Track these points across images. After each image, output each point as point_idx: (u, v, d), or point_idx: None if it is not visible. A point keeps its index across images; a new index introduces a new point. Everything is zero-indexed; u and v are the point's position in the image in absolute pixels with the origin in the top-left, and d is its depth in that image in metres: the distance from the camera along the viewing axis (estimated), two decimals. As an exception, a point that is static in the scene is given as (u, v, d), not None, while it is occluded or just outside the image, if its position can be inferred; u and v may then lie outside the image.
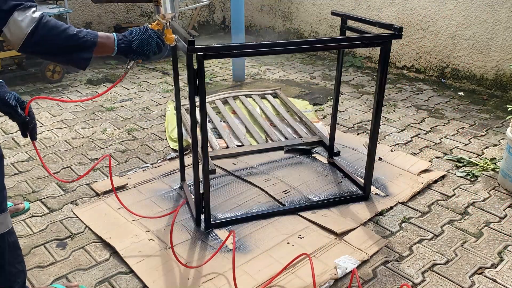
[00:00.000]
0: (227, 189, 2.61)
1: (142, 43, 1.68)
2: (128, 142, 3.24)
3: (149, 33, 1.70)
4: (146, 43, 1.69)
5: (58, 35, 1.47)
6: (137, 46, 1.67)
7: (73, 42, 1.50)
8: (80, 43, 1.52)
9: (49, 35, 1.45)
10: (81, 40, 1.52)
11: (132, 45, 1.66)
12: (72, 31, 1.50)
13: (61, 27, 1.47)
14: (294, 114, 3.70)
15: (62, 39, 1.48)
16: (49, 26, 1.44)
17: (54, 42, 1.47)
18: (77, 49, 1.52)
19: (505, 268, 2.02)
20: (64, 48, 1.50)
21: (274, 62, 5.57)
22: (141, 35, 1.68)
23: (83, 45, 1.53)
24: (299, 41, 2.13)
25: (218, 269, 1.98)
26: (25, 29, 1.40)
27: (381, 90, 2.28)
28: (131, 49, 1.67)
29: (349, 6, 5.38)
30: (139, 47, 1.67)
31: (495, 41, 4.26)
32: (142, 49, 1.68)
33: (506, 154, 2.63)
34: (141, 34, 1.68)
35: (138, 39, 1.67)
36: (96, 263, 2.03)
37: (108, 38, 1.61)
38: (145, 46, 1.68)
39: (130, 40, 1.66)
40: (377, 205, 2.48)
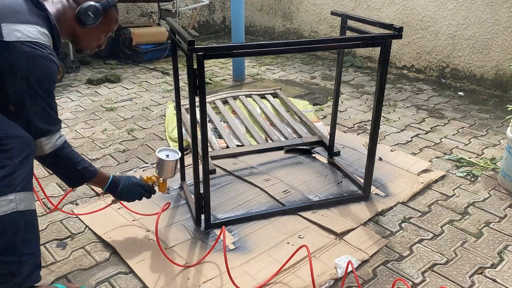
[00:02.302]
0: (227, 189, 2.62)
1: (125, 194, 2.05)
2: (128, 142, 3.24)
3: (135, 189, 2.06)
4: (128, 195, 2.06)
5: (68, 166, 1.84)
6: (120, 194, 2.04)
7: (77, 176, 1.88)
8: (80, 180, 1.91)
9: (61, 163, 1.82)
10: (82, 178, 1.90)
11: (117, 192, 2.03)
12: (80, 166, 1.85)
13: (73, 160, 1.84)
14: (294, 114, 3.70)
15: (70, 170, 1.85)
16: (65, 156, 1.80)
17: (63, 168, 1.86)
18: (75, 180, 1.91)
19: (505, 268, 2.02)
20: (67, 175, 1.89)
21: (274, 62, 5.57)
22: (128, 189, 2.05)
23: (81, 181, 1.92)
24: (299, 41, 2.13)
25: (218, 269, 1.98)
26: (46, 151, 1.73)
27: (381, 90, 2.28)
28: (115, 195, 2.05)
29: (349, 6, 5.38)
30: (121, 196, 2.05)
31: (495, 41, 4.26)
32: (123, 198, 2.07)
33: (506, 154, 2.63)
34: (128, 188, 2.05)
35: (124, 191, 2.03)
36: (96, 263, 2.03)
37: (104, 178, 1.99)
38: (127, 197, 2.06)
39: (117, 186, 2.02)
40: (377, 205, 2.48)
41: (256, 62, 5.55)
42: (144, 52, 5.35)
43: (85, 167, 1.87)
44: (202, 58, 1.88)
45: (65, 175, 1.90)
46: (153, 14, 6.23)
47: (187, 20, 6.58)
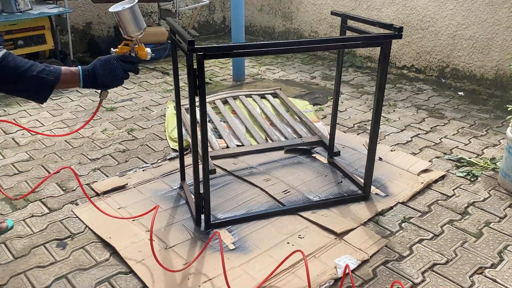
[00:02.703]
0: (227, 189, 2.61)
1: (106, 76, 1.66)
2: (128, 142, 3.24)
3: (112, 64, 1.68)
4: (110, 75, 1.67)
5: (21, 77, 1.51)
6: (102, 80, 1.66)
7: (38, 84, 1.54)
8: (45, 87, 1.56)
9: (11, 76, 1.49)
10: (45, 83, 1.55)
11: (97, 79, 1.66)
12: (33, 71, 1.52)
13: (23, 67, 1.50)
14: (294, 114, 3.70)
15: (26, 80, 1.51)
16: (11, 66, 1.48)
17: (17, 83, 1.51)
18: (40, 90, 1.56)
19: (505, 268, 2.02)
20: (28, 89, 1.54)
21: (274, 62, 5.57)
22: (104, 68, 1.66)
23: (46, 87, 1.57)
24: (299, 41, 2.13)
25: (218, 269, 1.98)
26: None
27: (381, 90, 2.28)
28: (97, 83, 1.66)
29: (349, 6, 5.38)
30: (104, 80, 1.66)
31: (495, 41, 4.26)
32: (108, 82, 1.68)
33: (506, 154, 2.63)
34: (104, 67, 1.66)
35: (102, 73, 1.66)
36: (96, 263, 2.03)
37: (72, 74, 1.62)
38: (110, 78, 1.67)
39: (95, 73, 1.65)
40: (377, 205, 2.48)
41: (256, 62, 5.55)
42: (144, 52, 5.34)
43: (40, 70, 1.55)
44: (202, 58, 1.88)
45: (25, 89, 1.56)
46: (153, 14, 6.23)
47: (187, 20, 6.58)
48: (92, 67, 1.66)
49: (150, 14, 6.21)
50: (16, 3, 4.13)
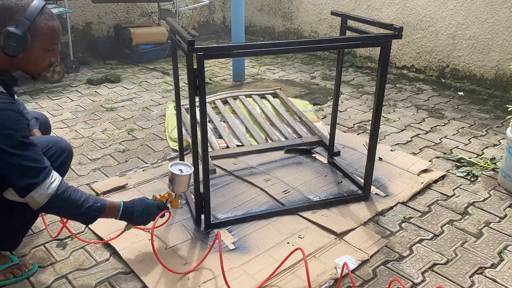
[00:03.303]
0: (227, 189, 2.61)
1: (141, 218, 1.92)
2: (128, 142, 3.24)
3: (152, 210, 1.95)
4: (145, 218, 1.94)
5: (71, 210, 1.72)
6: (136, 219, 1.92)
7: (84, 217, 1.77)
8: (88, 219, 1.79)
9: (62, 208, 1.71)
10: (90, 217, 1.78)
11: (133, 218, 1.91)
12: (83, 206, 1.72)
13: (75, 204, 1.70)
14: (294, 114, 3.70)
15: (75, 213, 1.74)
16: (64, 200, 1.67)
17: (66, 213, 1.77)
18: (84, 218, 1.79)
19: (505, 268, 2.02)
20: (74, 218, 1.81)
21: (274, 62, 5.57)
22: (143, 211, 1.92)
23: (89, 220, 1.80)
24: (299, 41, 2.13)
25: (218, 269, 1.98)
26: (40, 204, 1.63)
27: (381, 90, 2.28)
28: (132, 220, 1.92)
29: (349, 6, 5.38)
30: (138, 220, 1.92)
31: (495, 41, 4.26)
32: (140, 222, 1.94)
33: (506, 154, 2.63)
34: (143, 210, 1.92)
35: (139, 215, 1.91)
36: (96, 263, 2.02)
37: (113, 210, 1.85)
38: (143, 220, 1.94)
39: (133, 212, 1.90)
40: (377, 205, 2.48)
41: (256, 62, 5.55)
42: (144, 52, 5.35)
43: (89, 206, 1.74)
44: (202, 58, 1.88)
45: (73, 218, 1.85)
46: (153, 14, 6.23)
47: (187, 20, 6.58)
48: (132, 207, 1.91)
49: (150, 14, 6.22)
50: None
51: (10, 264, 1.91)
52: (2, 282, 1.87)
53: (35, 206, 1.64)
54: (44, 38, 1.62)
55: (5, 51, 1.56)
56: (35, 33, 1.59)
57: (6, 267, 1.89)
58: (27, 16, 1.56)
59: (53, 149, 1.86)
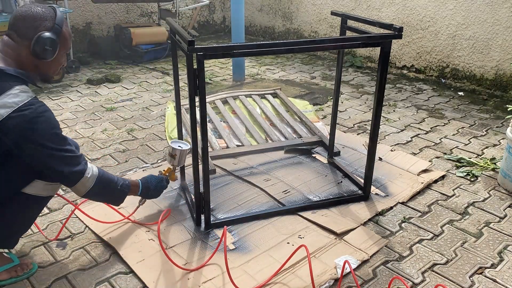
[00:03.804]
0: (227, 189, 2.62)
1: (156, 191, 2.23)
2: (128, 142, 3.24)
3: (163, 183, 2.26)
4: (158, 191, 2.25)
5: (111, 190, 1.98)
6: (152, 193, 2.22)
7: (119, 195, 2.03)
8: (122, 197, 2.05)
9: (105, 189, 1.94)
10: (123, 194, 2.04)
11: (149, 192, 2.20)
12: (119, 184, 2.00)
13: (113, 182, 1.98)
14: (294, 114, 3.70)
15: (113, 192, 2.00)
16: (106, 181, 1.92)
17: (107, 194, 2.00)
18: (118, 199, 2.06)
19: (505, 268, 2.02)
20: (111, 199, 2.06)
21: (274, 62, 5.57)
22: (157, 185, 2.22)
23: (123, 198, 2.06)
24: (299, 41, 2.13)
25: (218, 269, 1.98)
26: (90, 186, 1.84)
27: (381, 90, 2.28)
28: (147, 194, 2.20)
29: (349, 6, 5.38)
30: (153, 194, 2.23)
31: (495, 41, 4.26)
32: (154, 195, 2.24)
33: (506, 154, 2.63)
34: (157, 184, 2.22)
35: (154, 188, 2.21)
36: (96, 263, 2.02)
37: (136, 186, 2.14)
38: (156, 193, 2.25)
39: (148, 187, 2.19)
40: (377, 205, 2.48)
41: (256, 62, 5.55)
42: (144, 52, 5.35)
43: (122, 184, 2.01)
44: (202, 58, 1.88)
45: (109, 198, 2.05)
46: (153, 14, 6.23)
47: (187, 20, 6.58)
48: (148, 182, 2.19)
49: (150, 14, 6.22)
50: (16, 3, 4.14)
51: (12, 265, 1.91)
52: (3, 282, 1.87)
53: (84, 191, 1.84)
54: (66, 43, 1.79)
55: (40, 55, 1.68)
56: (61, 39, 1.75)
57: (8, 268, 1.90)
58: (58, 22, 1.73)
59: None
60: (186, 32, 1.96)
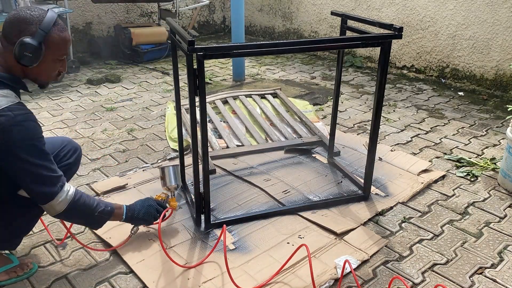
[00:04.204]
0: (227, 189, 2.61)
1: (143, 211, 2.02)
2: (128, 142, 3.24)
3: (149, 202, 2.06)
4: (146, 210, 2.03)
5: (86, 215, 1.82)
6: (138, 213, 2.01)
7: (96, 221, 1.88)
8: (100, 223, 1.91)
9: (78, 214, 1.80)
10: (101, 220, 1.89)
11: (135, 220, 2.02)
12: (97, 211, 1.83)
13: (90, 208, 1.81)
14: (294, 114, 3.70)
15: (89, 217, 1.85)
16: (80, 207, 1.77)
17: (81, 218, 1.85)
18: (95, 224, 1.92)
19: (505, 268, 2.02)
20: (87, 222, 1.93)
21: (274, 62, 5.57)
22: (142, 204, 2.04)
23: (101, 223, 1.92)
24: (299, 41, 2.13)
25: (218, 269, 1.98)
26: (60, 210, 1.71)
27: (381, 90, 2.28)
28: (134, 217, 2.00)
29: (349, 6, 5.38)
30: (140, 214, 2.01)
31: (495, 41, 4.26)
32: (143, 215, 2.02)
33: (506, 154, 2.63)
34: (142, 203, 2.04)
35: (139, 208, 2.02)
36: (96, 263, 2.02)
37: (119, 213, 1.97)
38: (145, 213, 2.02)
39: (133, 215, 2.00)
40: (377, 205, 2.48)
41: (256, 62, 5.55)
42: (144, 52, 5.35)
43: (101, 210, 1.86)
44: (202, 58, 1.88)
45: (85, 222, 1.95)
46: (153, 14, 6.23)
47: (187, 20, 6.58)
48: (133, 210, 2.01)
49: (150, 14, 6.22)
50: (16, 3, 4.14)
51: (11, 266, 1.91)
52: (3, 282, 1.87)
53: (53, 213, 1.72)
54: (57, 49, 1.66)
55: (20, 61, 1.60)
56: (49, 44, 1.63)
57: (7, 269, 1.90)
58: (42, 27, 1.60)
59: (67, 147, 2.00)
60: (186, 32, 1.96)
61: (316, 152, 3.08)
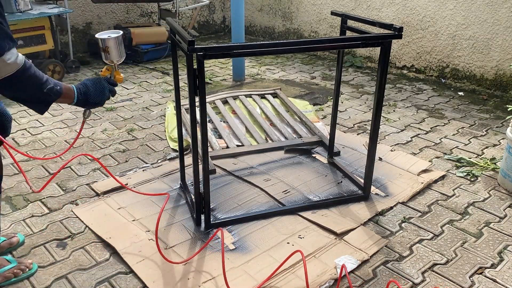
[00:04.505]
0: (227, 189, 2.62)
1: (97, 95, 1.86)
2: (128, 142, 3.24)
3: (102, 84, 1.89)
4: (100, 94, 1.87)
5: (33, 89, 1.62)
6: (94, 98, 1.85)
7: (42, 98, 1.67)
8: (46, 102, 1.70)
9: (25, 85, 1.59)
10: (48, 99, 1.69)
11: (89, 98, 1.84)
12: (45, 88, 1.64)
13: (39, 81, 1.62)
14: (294, 114, 3.70)
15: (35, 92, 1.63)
16: (30, 75, 1.58)
17: (27, 91, 1.62)
18: (43, 100, 1.69)
19: (505, 268, 2.02)
20: (32, 100, 1.67)
21: (274, 62, 5.57)
22: (95, 87, 1.86)
23: (47, 103, 1.70)
24: (299, 41, 2.13)
25: (218, 268, 1.98)
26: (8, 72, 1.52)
27: (381, 90, 2.28)
28: (88, 101, 1.84)
29: (349, 6, 5.38)
30: (95, 99, 1.86)
31: (495, 41, 4.26)
32: (98, 100, 1.87)
33: (506, 154, 2.63)
34: (95, 86, 1.86)
35: (93, 92, 1.85)
36: (96, 263, 2.03)
37: (69, 91, 1.77)
38: (99, 97, 1.88)
39: (86, 93, 1.83)
40: (377, 205, 2.48)
41: (256, 62, 5.55)
42: (144, 52, 5.35)
43: (50, 87, 1.66)
44: (202, 58, 1.88)
45: (30, 98, 1.67)
46: (153, 14, 6.23)
47: (187, 20, 6.58)
48: (84, 86, 1.83)
49: (150, 14, 6.22)
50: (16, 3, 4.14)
51: (8, 267, 1.90)
52: (3, 283, 1.87)
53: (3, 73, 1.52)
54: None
55: None
56: None
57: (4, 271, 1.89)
58: None
59: None
60: (186, 32, 1.96)
61: (316, 152, 3.08)
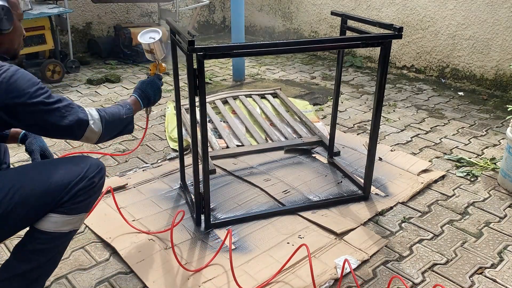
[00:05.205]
0: (227, 189, 2.61)
1: (156, 94, 2.04)
2: (128, 142, 3.24)
3: (156, 83, 2.05)
4: (157, 91, 2.05)
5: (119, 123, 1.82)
6: (154, 98, 2.04)
7: (128, 122, 1.88)
8: (131, 122, 1.90)
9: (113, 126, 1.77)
10: (128, 120, 1.87)
11: (150, 99, 2.03)
12: (124, 115, 1.83)
13: (118, 115, 1.80)
14: (294, 114, 3.70)
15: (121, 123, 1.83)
16: (110, 118, 1.74)
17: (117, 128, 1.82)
18: (127, 123, 1.88)
19: (505, 268, 2.02)
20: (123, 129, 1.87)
21: (274, 62, 5.57)
22: (153, 88, 2.03)
23: (130, 118, 1.88)
24: (299, 41, 2.13)
25: (218, 269, 1.98)
26: (101, 131, 1.68)
27: (381, 90, 2.28)
28: (150, 102, 2.04)
29: (349, 6, 5.38)
30: (155, 98, 2.05)
31: (495, 41, 4.26)
32: (157, 98, 2.06)
33: (506, 154, 2.63)
34: (152, 88, 2.03)
35: (152, 93, 2.02)
36: (96, 263, 2.02)
37: (135, 103, 1.97)
38: (158, 95, 2.06)
39: (147, 96, 2.01)
40: (377, 205, 2.48)
41: (256, 62, 5.55)
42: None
43: (126, 111, 1.83)
44: (202, 58, 1.88)
45: (121, 131, 1.86)
46: (153, 14, 6.23)
47: (187, 20, 6.58)
48: (143, 91, 2.00)
49: (150, 14, 6.22)
50: (16, 3, 4.13)
51: None
52: None
53: (95, 137, 1.67)
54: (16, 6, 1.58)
55: None
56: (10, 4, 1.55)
57: None
58: None
59: None
60: (186, 32, 1.96)
61: (316, 152, 3.08)
